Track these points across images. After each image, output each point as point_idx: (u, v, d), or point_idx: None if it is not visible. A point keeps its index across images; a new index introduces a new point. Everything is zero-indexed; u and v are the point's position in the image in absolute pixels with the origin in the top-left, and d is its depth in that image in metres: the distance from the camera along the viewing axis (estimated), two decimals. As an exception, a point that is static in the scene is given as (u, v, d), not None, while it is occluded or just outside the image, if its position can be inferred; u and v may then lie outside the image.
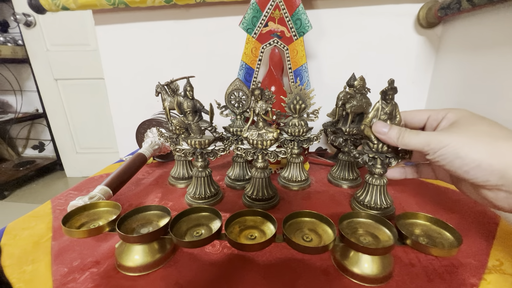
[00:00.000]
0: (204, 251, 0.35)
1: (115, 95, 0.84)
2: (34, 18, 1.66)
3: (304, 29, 0.57)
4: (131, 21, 0.73)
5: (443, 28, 0.63)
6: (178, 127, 0.45)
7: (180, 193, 0.52)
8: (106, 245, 0.37)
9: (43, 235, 0.39)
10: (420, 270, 0.32)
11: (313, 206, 0.47)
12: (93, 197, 0.42)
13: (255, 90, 0.41)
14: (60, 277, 0.31)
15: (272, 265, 0.33)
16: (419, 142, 0.30)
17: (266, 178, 0.46)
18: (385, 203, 0.43)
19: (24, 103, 2.01)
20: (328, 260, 0.34)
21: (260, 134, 0.42)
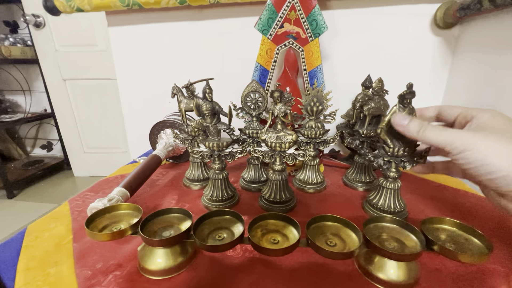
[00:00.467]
0: (225, 255, 0.35)
1: (127, 96, 0.84)
2: (43, 19, 1.68)
3: (320, 30, 0.56)
4: (144, 22, 0.73)
5: (460, 28, 0.62)
6: (196, 129, 0.45)
7: (196, 195, 0.52)
8: (127, 247, 0.37)
9: (64, 237, 0.39)
10: (446, 276, 0.32)
11: (330, 209, 0.47)
12: (112, 199, 0.42)
13: (275, 92, 0.41)
14: (85, 279, 0.31)
15: (295, 270, 0.33)
16: (443, 139, 0.28)
17: (283, 181, 0.45)
18: (398, 207, 0.43)
19: (33, 103, 2.03)
20: (351, 265, 0.34)
21: (279, 137, 0.41)
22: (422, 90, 0.68)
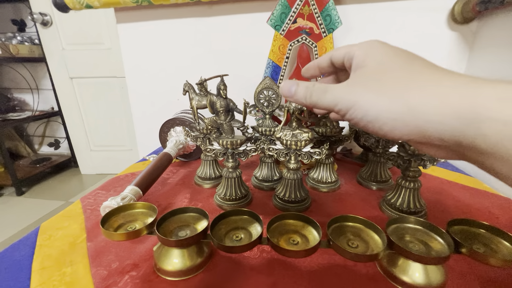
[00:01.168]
0: (243, 255, 0.34)
1: (136, 93, 0.84)
2: (50, 18, 1.68)
3: (334, 26, 0.55)
4: (153, 19, 0.72)
5: (479, 23, 0.60)
6: (209, 127, 0.44)
7: (208, 194, 0.51)
8: (142, 247, 0.36)
9: (78, 236, 0.38)
10: (474, 280, 0.30)
11: (346, 209, 0.46)
12: (125, 198, 0.42)
13: None
14: (101, 279, 0.30)
15: (315, 271, 0.32)
16: (327, 102, 0.23)
17: (298, 180, 0.44)
18: (418, 207, 0.42)
19: (41, 101, 2.04)
20: (374, 267, 0.32)
21: (294, 135, 0.40)
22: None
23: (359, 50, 0.23)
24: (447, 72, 0.19)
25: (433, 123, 0.17)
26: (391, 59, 0.21)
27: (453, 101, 0.16)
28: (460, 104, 0.16)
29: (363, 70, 0.22)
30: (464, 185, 0.53)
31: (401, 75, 0.20)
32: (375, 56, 0.22)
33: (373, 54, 0.22)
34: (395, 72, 0.20)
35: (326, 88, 0.23)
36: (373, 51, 0.22)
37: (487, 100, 0.15)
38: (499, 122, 0.15)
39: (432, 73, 0.19)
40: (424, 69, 0.20)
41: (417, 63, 0.21)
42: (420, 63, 0.21)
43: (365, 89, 0.21)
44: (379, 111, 0.20)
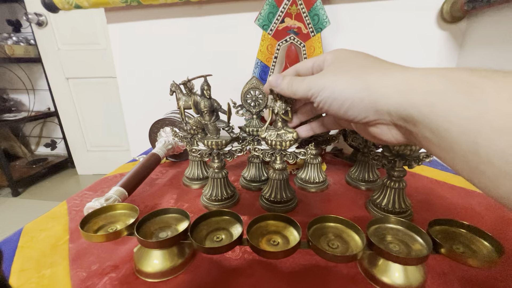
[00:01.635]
0: (224, 256, 0.34)
1: (127, 94, 0.83)
2: (45, 18, 1.68)
3: (322, 25, 0.55)
4: (143, 19, 0.72)
5: (468, 23, 0.60)
6: (194, 127, 0.44)
7: (195, 194, 0.51)
8: (124, 248, 0.36)
9: (60, 237, 0.38)
10: (454, 280, 0.30)
11: (332, 209, 0.46)
12: (109, 199, 0.41)
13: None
14: (79, 281, 0.30)
15: (296, 272, 0.32)
16: (304, 88, 0.28)
17: (284, 180, 0.44)
18: (404, 207, 0.42)
19: (37, 101, 2.04)
20: (355, 268, 0.32)
21: (279, 135, 0.40)
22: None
23: (329, 55, 0.28)
24: (397, 64, 0.24)
25: (382, 97, 0.22)
26: (354, 57, 0.27)
27: (396, 79, 0.21)
28: (399, 81, 0.21)
29: (332, 65, 0.27)
30: (453, 185, 0.53)
31: (362, 64, 0.25)
32: (341, 56, 0.27)
33: (340, 56, 0.28)
34: (357, 63, 0.25)
35: (303, 78, 0.29)
36: (340, 54, 0.28)
37: (414, 76, 0.20)
38: (421, 91, 0.19)
39: (385, 64, 0.24)
40: (379, 62, 0.25)
41: (374, 59, 0.26)
42: (376, 59, 0.26)
43: (333, 75, 0.26)
44: (342, 89, 0.24)
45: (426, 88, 0.19)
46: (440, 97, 0.18)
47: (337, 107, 0.25)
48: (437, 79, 0.18)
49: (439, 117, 0.18)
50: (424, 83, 0.19)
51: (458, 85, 0.17)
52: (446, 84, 0.18)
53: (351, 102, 0.24)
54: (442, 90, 0.18)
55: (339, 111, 0.25)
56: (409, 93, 0.20)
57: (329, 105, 0.25)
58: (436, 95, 0.18)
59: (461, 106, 0.17)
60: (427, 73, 0.19)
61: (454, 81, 0.18)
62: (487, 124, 0.15)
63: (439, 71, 0.19)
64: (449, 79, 0.18)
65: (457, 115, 0.17)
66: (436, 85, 0.18)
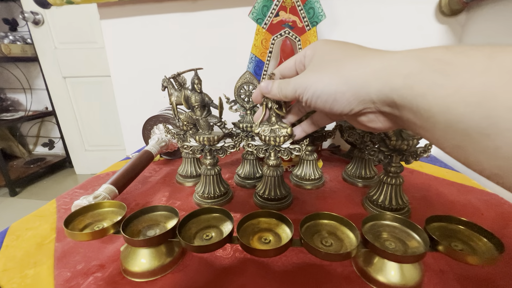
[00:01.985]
0: (215, 255, 0.33)
1: (121, 91, 0.82)
2: (42, 17, 1.67)
3: (318, 19, 0.53)
4: (136, 15, 0.71)
5: (467, 16, 0.59)
6: (185, 123, 0.43)
7: (188, 192, 0.50)
8: (111, 247, 0.35)
9: (47, 236, 0.37)
10: (452, 279, 0.29)
11: (328, 207, 0.45)
12: (98, 197, 0.40)
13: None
14: (63, 281, 0.29)
15: (289, 271, 0.31)
16: (291, 89, 0.28)
17: (278, 177, 0.43)
18: (401, 203, 0.40)
19: (34, 101, 2.03)
20: (349, 266, 0.31)
21: (273, 130, 0.39)
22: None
23: (309, 50, 0.28)
24: (375, 50, 0.23)
25: (363, 87, 0.22)
26: (332, 49, 0.26)
27: (373, 67, 0.21)
28: (377, 68, 0.21)
29: (312, 62, 0.27)
30: (452, 181, 0.52)
31: (338, 58, 0.25)
32: (320, 50, 0.27)
33: (318, 50, 0.27)
34: (334, 57, 0.25)
35: (289, 80, 0.29)
36: (318, 47, 0.27)
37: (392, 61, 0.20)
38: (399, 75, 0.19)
39: (362, 52, 0.24)
40: (357, 51, 0.24)
41: (351, 49, 0.25)
42: (353, 48, 0.25)
43: (313, 73, 0.26)
44: (323, 87, 0.24)
45: (404, 72, 0.19)
46: (417, 78, 0.18)
47: (322, 104, 0.25)
48: (413, 60, 0.19)
49: (418, 98, 0.18)
50: (401, 67, 0.19)
51: (434, 64, 0.17)
52: (422, 64, 0.18)
53: (333, 98, 0.24)
54: (418, 71, 0.18)
55: (325, 107, 0.25)
56: (388, 79, 0.20)
57: (315, 102, 0.26)
58: (413, 77, 0.18)
59: (437, 84, 0.17)
60: (404, 56, 0.19)
61: (430, 61, 0.18)
62: (462, 99, 0.16)
63: (415, 52, 0.19)
64: (424, 59, 0.18)
65: (435, 93, 0.17)
66: (413, 67, 0.18)
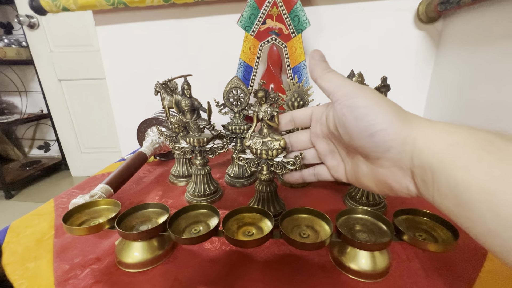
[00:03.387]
0: (203, 248, 0.36)
1: (117, 95, 0.85)
2: (37, 20, 1.68)
3: (302, 26, 0.57)
4: (131, 21, 0.74)
5: (444, 23, 0.62)
6: (177, 126, 0.45)
7: (180, 191, 0.52)
8: (107, 242, 0.37)
9: (46, 233, 0.39)
10: (417, 265, 0.32)
11: (312, 204, 0.47)
12: (94, 195, 0.43)
13: (259, 92, 0.37)
14: (62, 273, 0.32)
15: (270, 261, 0.33)
16: (338, 83, 0.26)
17: (272, 192, 0.41)
18: (377, 199, 0.43)
19: (29, 104, 2.04)
20: (326, 256, 0.34)
21: (265, 143, 0.37)
22: (406, 85, 0.68)
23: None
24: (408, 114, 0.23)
25: (411, 137, 0.21)
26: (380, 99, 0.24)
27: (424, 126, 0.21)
28: (426, 129, 0.21)
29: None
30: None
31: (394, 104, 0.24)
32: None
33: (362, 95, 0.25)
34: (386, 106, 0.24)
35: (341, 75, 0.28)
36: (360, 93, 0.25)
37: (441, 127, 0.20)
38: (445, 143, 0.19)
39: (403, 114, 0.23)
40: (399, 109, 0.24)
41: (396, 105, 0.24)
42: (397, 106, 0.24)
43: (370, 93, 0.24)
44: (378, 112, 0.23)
45: (450, 141, 0.19)
46: (464, 150, 0.18)
47: (366, 124, 0.23)
48: (463, 133, 0.19)
49: (459, 170, 0.17)
50: (449, 136, 0.19)
51: (483, 143, 0.17)
52: (472, 140, 0.18)
53: (384, 128, 0.22)
54: (466, 144, 0.18)
55: (364, 131, 0.23)
56: (434, 142, 0.20)
57: (357, 119, 0.23)
58: (459, 148, 0.18)
59: (485, 163, 0.16)
60: (453, 127, 0.20)
61: (480, 139, 0.18)
62: (510, 186, 0.15)
63: (465, 127, 0.19)
64: (475, 136, 0.18)
65: (479, 171, 0.16)
66: (461, 139, 0.18)
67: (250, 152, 0.39)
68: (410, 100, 0.69)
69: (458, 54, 0.58)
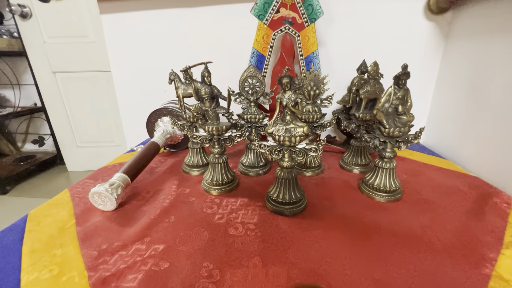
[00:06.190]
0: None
1: (122, 86, 0.83)
2: (29, 9, 1.62)
3: (316, 15, 0.57)
4: (137, 9, 0.72)
5: (454, 14, 0.63)
6: (195, 114, 0.45)
7: (196, 180, 0.52)
8: (131, 230, 0.37)
9: (67, 221, 0.39)
10: (441, 249, 0.33)
11: (327, 192, 0.48)
12: (113, 184, 0.42)
13: (283, 78, 0.37)
14: (91, 259, 0.31)
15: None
16: None
17: (293, 179, 0.41)
18: (394, 186, 0.44)
19: (22, 97, 1.98)
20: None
21: (288, 129, 0.37)
22: (415, 75, 0.69)
23: None
24: None
25: None
26: None
27: None
28: None
29: None
30: (439, 167, 0.57)
31: None
32: None
33: None
34: None
35: None
36: None
37: None
38: None
39: None
40: None
41: None
42: None
43: None
44: None
45: None
46: None
47: None
48: None
49: None
50: None
51: None
52: None
53: None
54: None
55: None
56: None
57: None
58: None
59: None
60: None
61: None
62: None
63: None
64: None
65: None
66: None
67: (271, 140, 0.38)
68: (417, 91, 0.70)
69: (468, 45, 0.59)
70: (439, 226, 0.38)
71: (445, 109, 0.66)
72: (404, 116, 0.42)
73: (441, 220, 0.39)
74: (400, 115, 0.42)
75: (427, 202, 0.44)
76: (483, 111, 0.54)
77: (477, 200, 0.44)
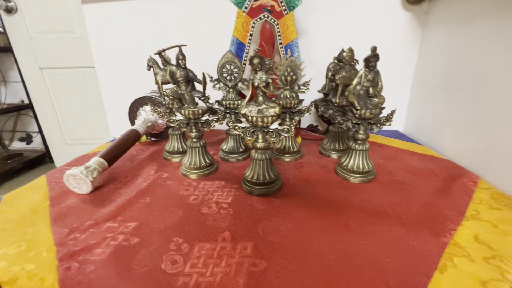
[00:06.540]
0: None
1: (105, 76, 0.83)
2: (15, 4, 1.60)
3: (294, 4, 0.57)
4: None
5: (429, 3, 0.65)
6: (171, 97, 0.45)
7: (175, 166, 0.53)
8: (104, 210, 0.37)
9: (41, 203, 0.39)
10: (407, 223, 0.34)
11: (305, 175, 0.49)
12: (89, 167, 0.43)
13: (254, 59, 0.37)
14: (62, 236, 0.32)
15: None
16: None
17: (267, 160, 0.41)
18: (367, 167, 0.45)
19: (9, 93, 1.95)
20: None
21: (260, 110, 0.37)
22: (393, 65, 0.70)
23: None
24: None
25: None
26: None
27: None
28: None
29: None
30: (415, 152, 0.58)
31: None
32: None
33: None
34: None
35: None
36: None
37: None
38: None
39: None
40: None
41: None
42: None
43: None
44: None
45: None
46: None
47: None
48: None
49: None
50: None
51: None
52: None
53: None
54: None
55: None
56: None
57: None
58: None
59: None
60: None
61: None
62: None
63: None
64: None
65: None
66: None
67: (245, 121, 0.39)
68: (396, 81, 0.72)
69: (445, 33, 0.60)
70: (408, 204, 0.39)
71: (423, 98, 0.68)
72: (375, 98, 0.43)
73: (410, 198, 0.40)
74: (371, 97, 0.43)
75: (399, 182, 0.45)
76: (456, 97, 0.55)
77: (447, 180, 0.45)
